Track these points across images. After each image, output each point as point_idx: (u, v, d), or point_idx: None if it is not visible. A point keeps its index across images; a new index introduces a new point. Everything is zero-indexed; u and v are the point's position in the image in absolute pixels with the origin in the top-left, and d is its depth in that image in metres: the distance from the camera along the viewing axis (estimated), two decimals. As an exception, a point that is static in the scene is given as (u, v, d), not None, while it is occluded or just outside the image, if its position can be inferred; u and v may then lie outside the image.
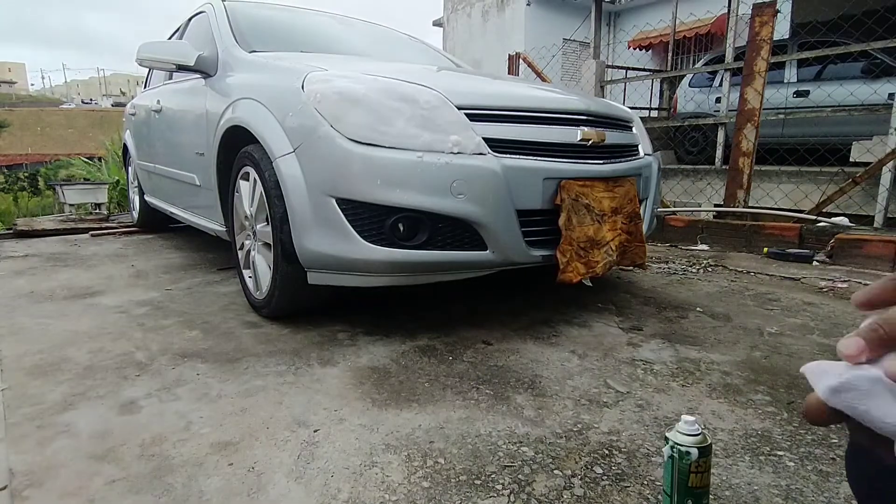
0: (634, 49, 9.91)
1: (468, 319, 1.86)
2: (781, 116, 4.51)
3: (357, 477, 0.97)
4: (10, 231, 3.99)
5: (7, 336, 1.71)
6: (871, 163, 3.48)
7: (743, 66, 3.41)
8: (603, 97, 5.01)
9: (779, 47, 4.98)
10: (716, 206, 4.35)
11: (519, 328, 1.78)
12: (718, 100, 5.68)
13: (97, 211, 4.90)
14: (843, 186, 3.34)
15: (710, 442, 0.74)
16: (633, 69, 7.88)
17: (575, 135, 1.71)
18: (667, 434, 0.75)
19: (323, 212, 1.51)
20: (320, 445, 1.08)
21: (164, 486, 0.95)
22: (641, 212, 1.98)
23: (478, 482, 0.96)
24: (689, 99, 6.40)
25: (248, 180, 1.86)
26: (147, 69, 3.29)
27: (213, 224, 2.34)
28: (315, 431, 1.13)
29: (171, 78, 2.93)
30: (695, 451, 0.72)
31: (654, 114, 8.27)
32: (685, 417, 0.75)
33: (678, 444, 0.73)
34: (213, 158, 2.12)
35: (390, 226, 1.48)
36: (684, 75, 6.68)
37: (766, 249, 3.00)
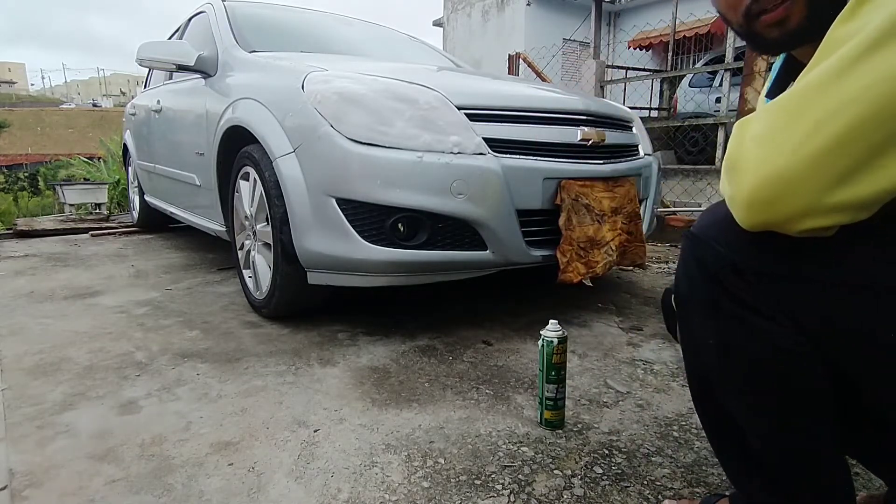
0: (634, 49, 9.91)
1: (468, 319, 1.86)
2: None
3: (357, 477, 0.97)
4: (11, 231, 3.99)
5: (7, 336, 1.71)
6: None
7: (743, 66, 3.41)
8: (603, 97, 5.01)
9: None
10: (716, 206, 4.34)
11: (519, 328, 1.78)
12: (718, 100, 5.67)
13: (97, 211, 4.89)
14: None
15: (566, 335, 1.12)
16: (633, 69, 7.86)
17: (575, 135, 1.71)
18: (541, 332, 1.12)
19: (323, 212, 1.51)
20: (320, 445, 1.08)
21: (164, 486, 0.95)
22: (641, 212, 1.98)
23: (478, 482, 0.96)
24: (689, 99, 6.40)
25: (248, 180, 1.86)
26: (147, 69, 3.29)
27: (213, 224, 2.34)
28: (315, 431, 1.13)
29: (171, 78, 2.93)
30: (556, 341, 1.10)
31: (654, 114, 8.26)
32: (552, 321, 1.12)
33: (546, 336, 1.11)
34: (213, 158, 2.12)
35: (390, 226, 1.48)
36: (684, 75, 6.68)
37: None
